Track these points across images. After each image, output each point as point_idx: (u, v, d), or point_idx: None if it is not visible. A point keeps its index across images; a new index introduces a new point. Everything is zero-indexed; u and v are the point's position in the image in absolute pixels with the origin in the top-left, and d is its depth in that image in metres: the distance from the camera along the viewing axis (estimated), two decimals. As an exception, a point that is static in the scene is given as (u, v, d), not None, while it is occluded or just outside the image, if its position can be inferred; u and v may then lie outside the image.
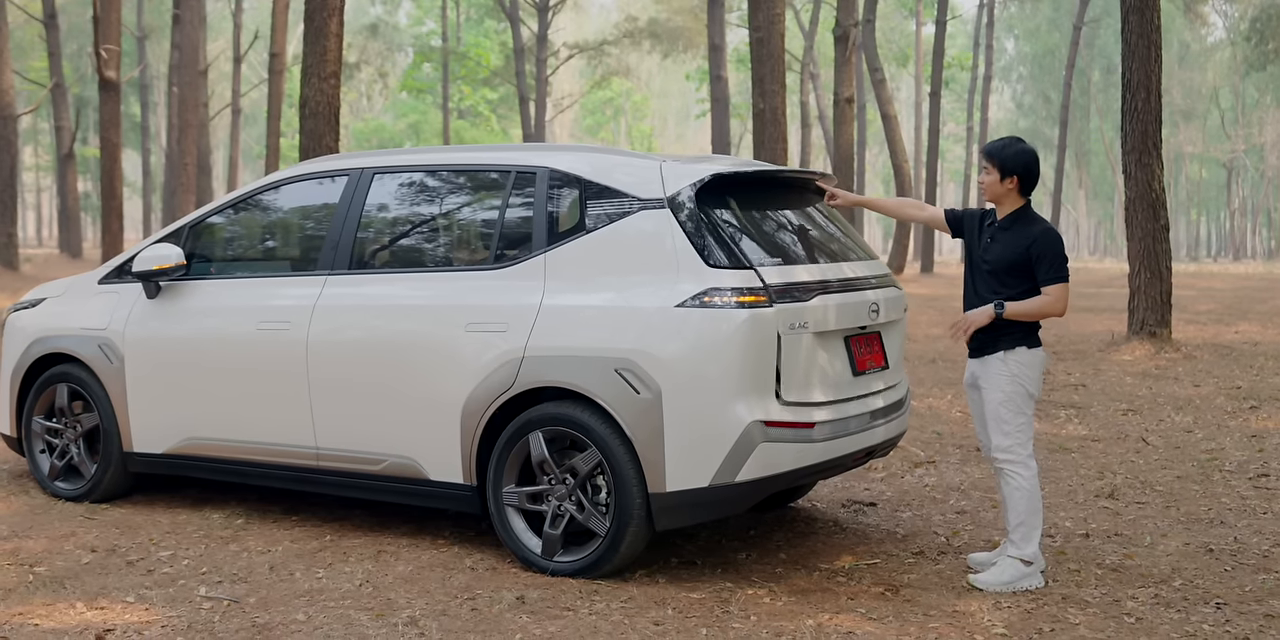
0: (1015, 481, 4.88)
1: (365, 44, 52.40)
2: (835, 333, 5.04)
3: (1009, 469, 4.89)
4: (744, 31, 34.48)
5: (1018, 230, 4.91)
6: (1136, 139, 12.47)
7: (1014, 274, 4.88)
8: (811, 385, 4.89)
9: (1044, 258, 4.84)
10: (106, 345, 6.11)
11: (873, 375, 5.29)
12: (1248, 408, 9.36)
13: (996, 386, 4.90)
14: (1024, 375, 4.89)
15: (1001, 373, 4.89)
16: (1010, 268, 4.88)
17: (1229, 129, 64.81)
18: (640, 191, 4.97)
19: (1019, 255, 4.86)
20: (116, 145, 19.80)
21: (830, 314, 4.97)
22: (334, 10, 11.97)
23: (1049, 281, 4.85)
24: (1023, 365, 4.89)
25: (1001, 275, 4.90)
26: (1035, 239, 4.85)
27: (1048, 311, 4.86)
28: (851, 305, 5.13)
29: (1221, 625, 4.39)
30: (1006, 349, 4.89)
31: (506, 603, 4.52)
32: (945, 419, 9.05)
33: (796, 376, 4.81)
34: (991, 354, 4.92)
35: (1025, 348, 4.91)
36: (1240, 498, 6.43)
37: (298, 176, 6.01)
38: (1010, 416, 4.88)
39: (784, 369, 4.74)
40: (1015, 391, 4.88)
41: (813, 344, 4.88)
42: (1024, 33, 69.14)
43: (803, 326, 4.80)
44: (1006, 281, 4.90)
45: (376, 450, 5.34)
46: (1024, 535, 4.86)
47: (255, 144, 63.58)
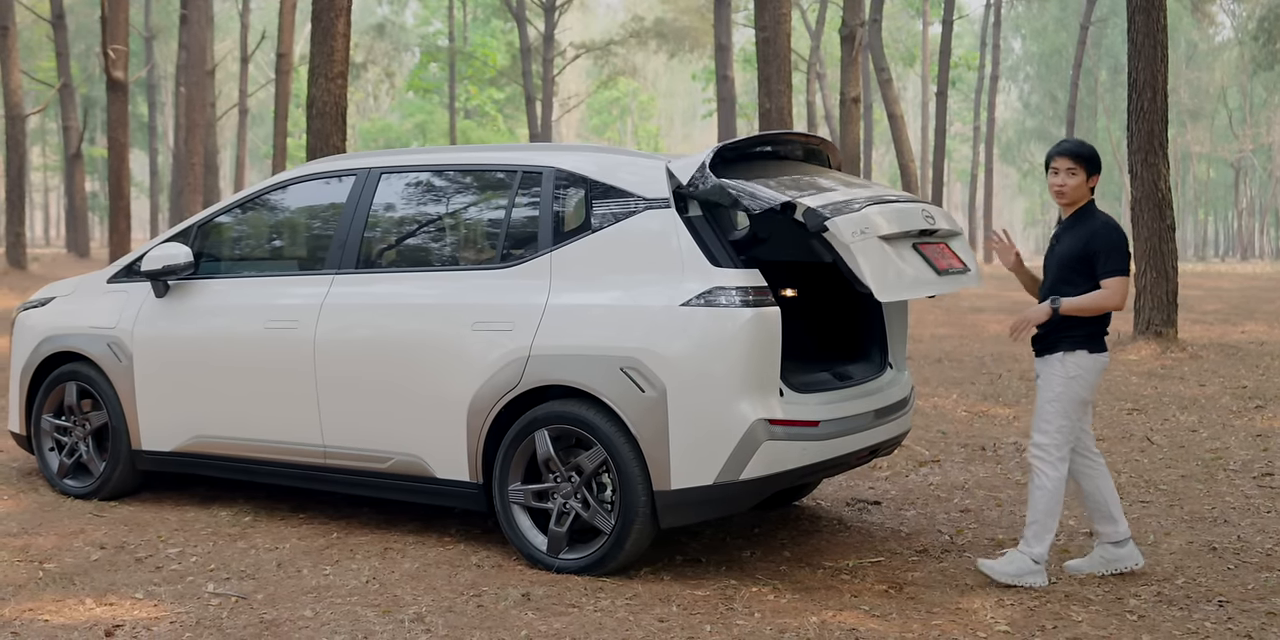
0: (1040, 480, 4.87)
1: (372, 44, 52.43)
2: (900, 239, 4.95)
3: (1038, 466, 4.88)
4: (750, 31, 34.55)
5: (1080, 226, 4.92)
6: (1142, 139, 12.47)
7: (1078, 269, 4.86)
8: (904, 283, 4.84)
9: (1102, 251, 4.82)
10: (115, 344, 6.15)
11: (956, 276, 5.19)
12: (1253, 407, 9.37)
13: (1049, 386, 4.89)
14: (1080, 378, 4.86)
15: (1058, 373, 4.87)
16: (1075, 263, 4.86)
17: (1236, 129, 64.67)
18: (645, 191, 4.99)
19: (1080, 249, 4.85)
20: (124, 145, 19.86)
21: (886, 218, 4.91)
22: (341, 10, 12.00)
23: (1107, 274, 4.81)
24: (1080, 368, 4.86)
25: (1066, 271, 4.89)
26: (1095, 232, 4.85)
27: (1104, 305, 4.83)
28: (904, 211, 5.10)
29: (1224, 623, 4.41)
30: (1066, 350, 4.87)
31: (512, 599, 4.55)
32: (950, 418, 9.07)
33: (889, 278, 4.75)
34: (1052, 354, 4.90)
35: (1086, 352, 4.88)
36: (1244, 497, 6.45)
37: (305, 176, 6.05)
38: (1054, 417, 4.86)
39: (872, 274, 4.67)
40: (1066, 393, 4.85)
41: (885, 248, 4.81)
42: (1031, 32, 69.02)
43: (864, 232, 4.74)
44: (1071, 279, 4.87)
45: (383, 448, 5.38)
46: (1036, 534, 4.86)
47: (262, 144, 63.65)
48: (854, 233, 4.70)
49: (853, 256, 4.69)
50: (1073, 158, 4.92)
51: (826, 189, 5.07)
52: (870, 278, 4.68)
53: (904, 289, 4.88)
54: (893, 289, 4.79)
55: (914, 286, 4.94)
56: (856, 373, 5.53)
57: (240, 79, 37.15)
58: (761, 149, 5.53)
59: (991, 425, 8.80)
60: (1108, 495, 5.03)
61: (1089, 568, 5.04)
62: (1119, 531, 5.01)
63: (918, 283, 4.94)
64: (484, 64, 49.01)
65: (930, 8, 49.26)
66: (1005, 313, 18.64)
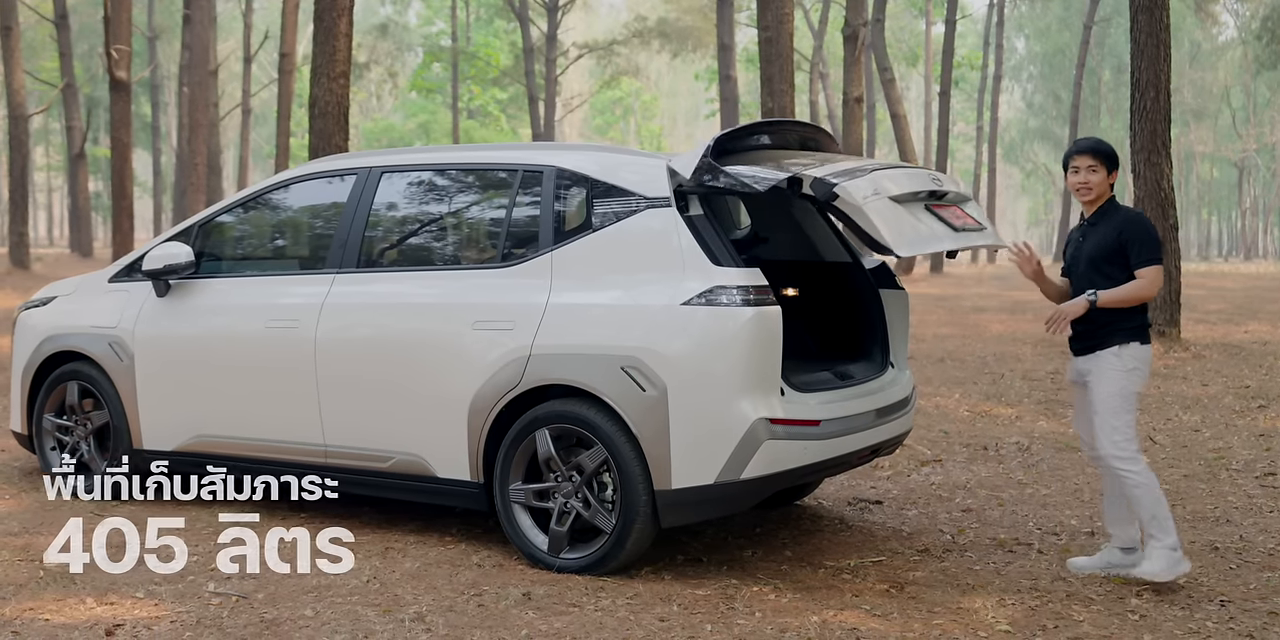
0: (1133, 479, 4.82)
1: (375, 44, 52.44)
2: (911, 201, 4.92)
3: (1122, 467, 4.82)
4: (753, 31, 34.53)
5: (1106, 220, 4.92)
6: (1145, 138, 12.44)
7: (1112, 262, 4.86)
8: (921, 238, 4.80)
9: (1134, 241, 4.82)
10: (116, 343, 6.15)
11: (973, 233, 5.13)
12: (1256, 407, 9.36)
13: (1108, 382, 4.85)
14: (1137, 371, 4.86)
15: (1115, 368, 4.85)
16: (1108, 256, 4.86)
17: (1240, 128, 64.58)
18: (646, 190, 4.98)
19: (1112, 242, 4.85)
20: (127, 145, 19.89)
21: (894, 181, 4.89)
22: (343, 10, 12.02)
23: (1141, 264, 4.82)
24: (1136, 360, 4.86)
25: (1098, 265, 4.88)
26: (1124, 224, 4.86)
27: (1142, 295, 4.83)
28: (911, 175, 5.10)
29: (1225, 622, 4.40)
30: (1120, 344, 4.85)
31: (513, 599, 4.55)
32: (953, 418, 9.06)
33: (906, 233, 4.71)
34: (1104, 349, 4.88)
35: (1138, 343, 4.88)
36: (1247, 496, 6.44)
37: (306, 175, 6.05)
38: (1120, 413, 4.84)
39: (889, 231, 4.64)
40: (1126, 388, 4.84)
41: (897, 207, 4.76)
42: (1034, 32, 68.94)
43: (876, 193, 4.71)
44: (1106, 271, 4.86)
45: (384, 447, 5.37)
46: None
47: (265, 144, 63.67)
48: (864, 195, 4.66)
49: (866, 217, 4.63)
50: (1093, 155, 4.93)
51: (829, 163, 5.05)
52: (887, 234, 4.62)
53: (922, 243, 4.83)
54: (911, 244, 4.74)
55: (932, 241, 4.88)
56: (858, 372, 5.52)
57: (243, 79, 37.16)
58: (758, 141, 5.49)
59: (994, 425, 8.79)
60: (1127, 502, 5.03)
61: (1092, 567, 5.03)
62: (1131, 538, 5.01)
63: (935, 238, 4.89)
64: (487, 64, 49.03)
65: (933, 7, 49.21)
66: (1007, 313, 18.63)
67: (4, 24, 24.47)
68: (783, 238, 5.99)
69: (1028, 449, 7.81)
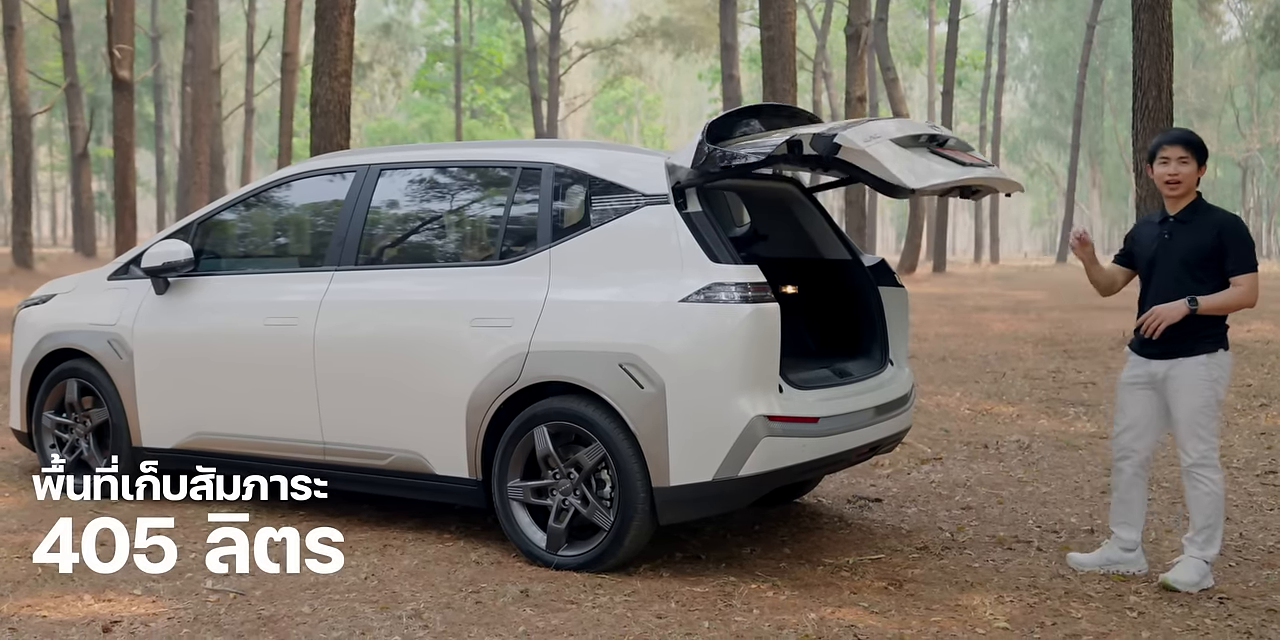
0: (1206, 487, 4.77)
1: (378, 43, 52.51)
2: (913, 145, 4.84)
3: (1201, 474, 4.77)
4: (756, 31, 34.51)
5: (1200, 221, 4.76)
6: (1148, 137, 12.41)
7: (1206, 266, 4.71)
8: (933, 173, 4.71)
9: (1233, 246, 4.68)
10: (116, 341, 6.15)
11: (982, 168, 5.04)
12: (1258, 405, 9.34)
13: (1195, 392, 4.74)
14: (1221, 379, 4.77)
15: (1203, 377, 4.73)
16: (1203, 259, 4.70)
17: (1244, 128, 64.51)
18: (645, 187, 4.98)
19: (1210, 244, 4.69)
20: (130, 145, 19.92)
21: (891, 128, 4.84)
22: (345, 9, 12.04)
23: (1239, 271, 4.67)
24: (1223, 369, 4.77)
25: (1192, 267, 4.72)
26: (1223, 226, 4.71)
27: (1242, 303, 4.70)
28: (907, 123, 5.05)
29: (1224, 619, 4.40)
30: (1209, 352, 4.74)
31: (511, 596, 4.55)
32: (954, 416, 9.05)
33: (916, 169, 4.64)
34: (1190, 356, 4.74)
35: (1223, 350, 4.78)
36: (1247, 494, 6.43)
37: (304, 173, 6.05)
38: (1207, 421, 4.75)
39: (898, 168, 4.57)
40: (1214, 396, 4.75)
41: (900, 148, 4.69)
42: (1037, 31, 68.92)
43: (876, 137, 4.66)
44: (1199, 275, 4.72)
45: (383, 445, 5.37)
46: (1208, 538, 4.78)
47: (268, 143, 63.73)
48: (865, 139, 4.60)
49: (871, 159, 4.57)
50: (1185, 146, 4.77)
51: (823, 123, 5.02)
52: (896, 170, 4.55)
53: (933, 177, 4.70)
54: (921, 177, 4.64)
55: (943, 175, 4.75)
56: (856, 369, 5.52)
57: (246, 78, 37.25)
58: (749, 126, 5.43)
59: (994, 423, 8.78)
60: (1140, 507, 5.01)
61: (1092, 564, 5.02)
62: (1134, 540, 5.00)
63: (946, 173, 4.77)
64: (490, 64, 49.10)
65: (936, 7, 49.20)
66: (1010, 312, 18.63)
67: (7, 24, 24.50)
68: (782, 235, 5.99)
69: (1028, 447, 7.80)
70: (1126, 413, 4.99)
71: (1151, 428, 4.93)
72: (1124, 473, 5.00)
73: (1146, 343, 4.85)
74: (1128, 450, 4.99)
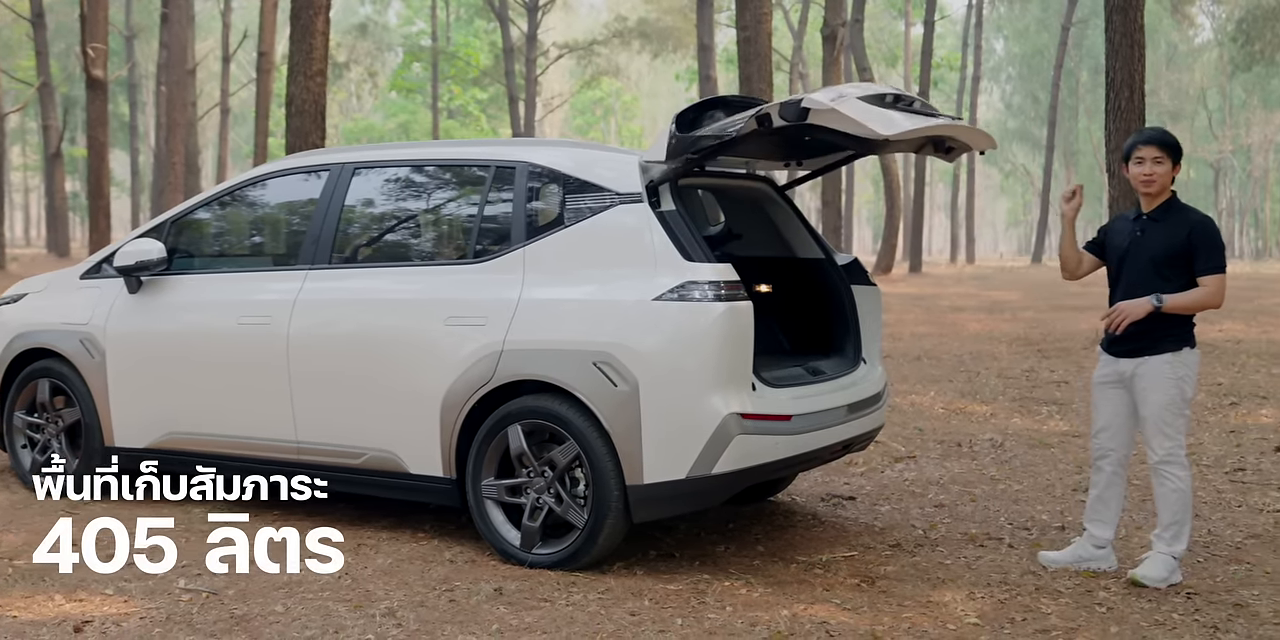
0: (1173, 483, 4.81)
1: (355, 43, 52.32)
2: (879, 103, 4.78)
3: (1168, 470, 4.81)
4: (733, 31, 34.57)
5: (1173, 220, 4.79)
6: (1120, 138, 12.50)
7: (1175, 265, 4.74)
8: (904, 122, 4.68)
9: (1203, 246, 4.71)
10: (88, 340, 6.13)
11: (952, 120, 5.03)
12: (1228, 404, 9.42)
13: (1162, 389, 4.78)
14: (1188, 377, 4.80)
15: (1168, 375, 4.77)
16: (1173, 258, 4.73)
17: (1216, 130, 65.04)
18: (619, 186, 4.99)
19: (1179, 244, 4.72)
20: (104, 144, 19.80)
21: (856, 89, 4.81)
22: (320, 8, 12.01)
23: (1207, 272, 4.70)
24: (1188, 367, 4.80)
25: (1163, 267, 4.76)
26: (1194, 227, 4.74)
27: (1207, 304, 4.74)
28: (872, 85, 5.03)
29: (1191, 614, 4.44)
30: (1174, 350, 4.77)
31: (484, 594, 4.55)
32: (928, 415, 9.10)
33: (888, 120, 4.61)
34: (1156, 355, 4.78)
35: (1189, 348, 4.81)
36: (1216, 491, 6.48)
37: (279, 172, 6.04)
38: (1173, 419, 4.79)
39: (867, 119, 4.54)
40: (1180, 394, 4.78)
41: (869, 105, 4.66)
42: (1012, 33, 69.26)
43: (841, 96, 4.64)
44: (1166, 274, 4.75)
45: (357, 444, 5.37)
46: (1175, 534, 4.82)
47: (244, 143, 63.44)
48: (831, 99, 4.59)
49: (840, 115, 4.55)
50: (1159, 146, 4.80)
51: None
52: (867, 122, 4.53)
53: (905, 124, 4.66)
54: (895, 125, 4.60)
55: (913, 123, 4.72)
56: (829, 368, 5.54)
57: (222, 78, 37.10)
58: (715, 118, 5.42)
59: (968, 422, 8.83)
60: (1116, 505, 5.05)
61: (1063, 561, 5.06)
62: (1107, 538, 5.04)
63: (915, 122, 4.75)
64: (467, 64, 49.00)
65: (912, 8, 49.37)
66: (985, 312, 18.72)
67: (-21, 22, 24.30)
68: (756, 234, 6.01)
69: (1001, 445, 7.85)
70: (1101, 412, 5.04)
71: (1126, 426, 4.98)
72: (1103, 471, 5.04)
73: (1115, 341, 4.90)
74: (1105, 449, 5.03)
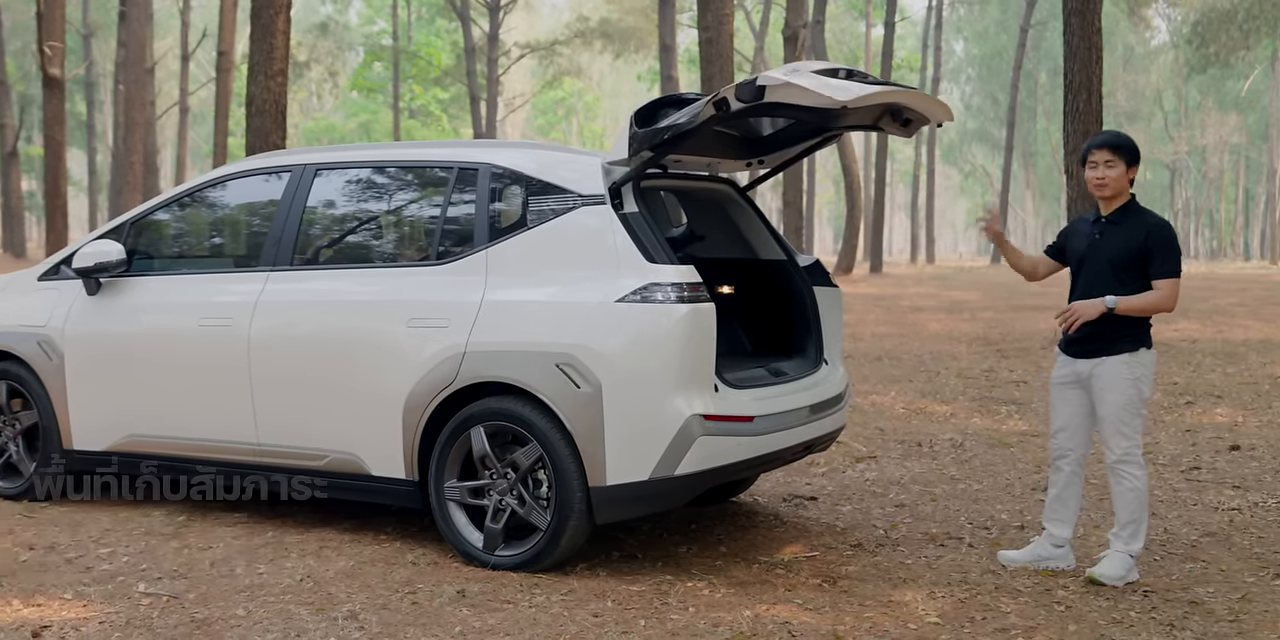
0: (1130, 483, 4.86)
1: (315, 43, 52.04)
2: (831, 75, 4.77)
3: (1124, 470, 4.86)
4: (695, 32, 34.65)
5: (1131, 223, 4.84)
6: (1078, 139, 12.65)
7: (1130, 268, 4.78)
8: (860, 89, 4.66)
9: (1159, 250, 4.75)
10: (46, 342, 6.07)
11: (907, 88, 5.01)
12: (1183, 403, 9.54)
13: (1118, 390, 4.82)
14: (1144, 377, 4.84)
15: (1124, 376, 4.82)
16: (1128, 261, 4.78)
17: (1172, 131, 65.78)
18: (582, 187, 5.00)
19: (1136, 247, 4.77)
20: (61, 143, 19.60)
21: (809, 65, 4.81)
22: (281, 7, 11.94)
23: (1162, 275, 4.75)
24: (1144, 367, 4.84)
25: (1119, 270, 4.80)
26: (1151, 230, 4.77)
27: (1160, 307, 4.78)
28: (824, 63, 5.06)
29: (1148, 612, 4.50)
30: (1130, 351, 4.82)
31: (447, 596, 4.55)
32: (889, 415, 9.16)
33: (845, 88, 4.60)
34: (1112, 355, 4.83)
35: (1146, 349, 4.85)
36: (1172, 490, 6.57)
37: (240, 173, 6.01)
38: (1130, 419, 4.84)
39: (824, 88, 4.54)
40: (1137, 394, 4.83)
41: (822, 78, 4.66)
42: (972, 35, 69.78)
43: (796, 71, 4.65)
44: (1123, 277, 4.79)
45: (318, 446, 5.35)
46: (1133, 533, 4.87)
47: (204, 143, 63.00)
48: (785, 73, 4.61)
49: (797, 87, 4.55)
50: (1111, 149, 4.85)
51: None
52: (824, 90, 4.53)
53: (861, 91, 4.63)
54: (851, 92, 4.59)
55: (869, 90, 4.68)
56: (791, 369, 5.57)
57: (181, 77, 36.77)
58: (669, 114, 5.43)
59: (929, 422, 8.90)
60: (1075, 504, 5.11)
61: (1022, 560, 5.11)
62: (1065, 537, 5.10)
63: (872, 88, 4.72)
64: (428, 63, 48.84)
65: (873, 9, 49.64)
66: (945, 312, 18.84)
67: (-67, 19, 24.00)
68: (718, 236, 6.03)
69: (961, 445, 7.91)
70: (1059, 412, 5.09)
71: (1084, 426, 5.04)
72: (1062, 471, 5.10)
73: (1072, 342, 4.96)
74: (1064, 449, 5.09)
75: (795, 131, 5.68)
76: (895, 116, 5.25)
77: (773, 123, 5.70)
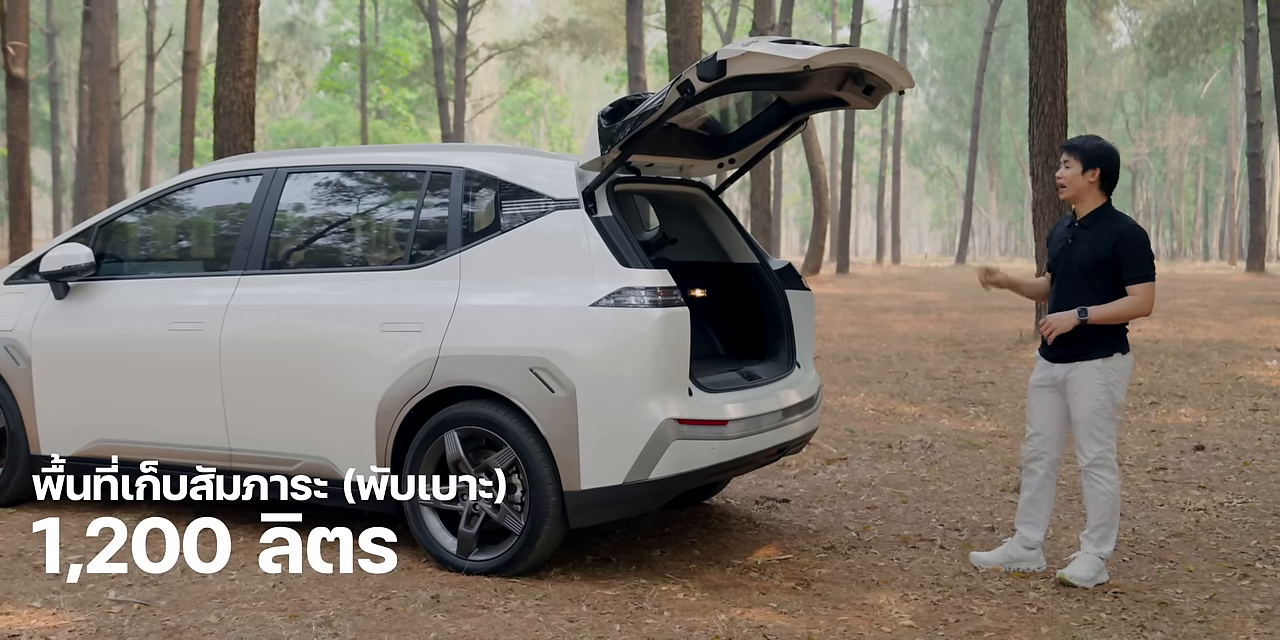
0: (1102, 486, 4.91)
1: (282, 43, 51.70)
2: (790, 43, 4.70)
3: (1097, 474, 4.90)
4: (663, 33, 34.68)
5: (1101, 228, 4.87)
6: (1043, 142, 12.72)
7: (1101, 273, 4.82)
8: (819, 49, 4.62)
9: (1130, 255, 4.78)
10: (13, 346, 6.01)
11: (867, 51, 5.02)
12: (1148, 403, 9.63)
13: (1091, 395, 4.86)
14: (1118, 382, 4.88)
15: (1097, 381, 4.85)
16: (1098, 267, 4.81)
17: (1133, 133, 66.26)
18: (555, 191, 5.00)
19: (1106, 253, 4.80)
20: (25, 143, 19.37)
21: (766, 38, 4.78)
22: (248, 8, 11.86)
23: (1135, 280, 4.78)
24: (1118, 373, 4.87)
25: (1090, 275, 4.84)
26: (1121, 235, 4.81)
27: (1135, 312, 4.81)
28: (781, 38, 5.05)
29: (1118, 613, 4.54)
30: (1104, 356, 4.85)
31: (421, 602, 4.53)
32: (859, 416, 9.20)
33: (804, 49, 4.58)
34: (1086, 360, 4.87)
35: (1120, 354, 4.88)
36: (1139, 491, 6.63)
37: (210, 176, 5.97)
38: (1103, 423, 4.87)
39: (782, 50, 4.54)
40: (1110, 399, 4.86)
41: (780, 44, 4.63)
42: (937, 37, 70.11)
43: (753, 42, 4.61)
44: (1096, 283, 4.83)
45: (291, 451, 5.32)
46: (1103, 535, 4.92)
47: (169, 143, 62.48)
48: (743, 43, 4.59)
49: (756, 54, 4.54)
50: (1067, 150, 4.91)
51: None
52: (784, 52, 4.53)
53: (819, 50, 4.63)
54: (809, 52, 4.59)
55: (827, 49, 4.69)
56: (764, 372, 5.59)
57: (146, 77, 36.37)
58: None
59: (898, 423, 8.94)
60: (1047, 507, 5.15)
61: (994, 561, 5.15)
62: (1037, 539, 5.14)
63: (831, 49, 4.72)
64: (396, 64, 48.62)
65: (839, 11, 49.83)
66: (912, 313, 18.94)
67: (-108, 18, 23.69)
68: (691, 239, 6.05)
69: (931, 447, 7.96)
70: (1036, 415, 5.13)
71: (1060, 430, 5.08)
72: (1035, 474, 5.14)
73: (1048, 346, 5.00)
74: (1039, 452, 5.13)
75: (762, 123, 5.69)
76: (857, 82, 5.19)
77: (739, 116, 5.71)
